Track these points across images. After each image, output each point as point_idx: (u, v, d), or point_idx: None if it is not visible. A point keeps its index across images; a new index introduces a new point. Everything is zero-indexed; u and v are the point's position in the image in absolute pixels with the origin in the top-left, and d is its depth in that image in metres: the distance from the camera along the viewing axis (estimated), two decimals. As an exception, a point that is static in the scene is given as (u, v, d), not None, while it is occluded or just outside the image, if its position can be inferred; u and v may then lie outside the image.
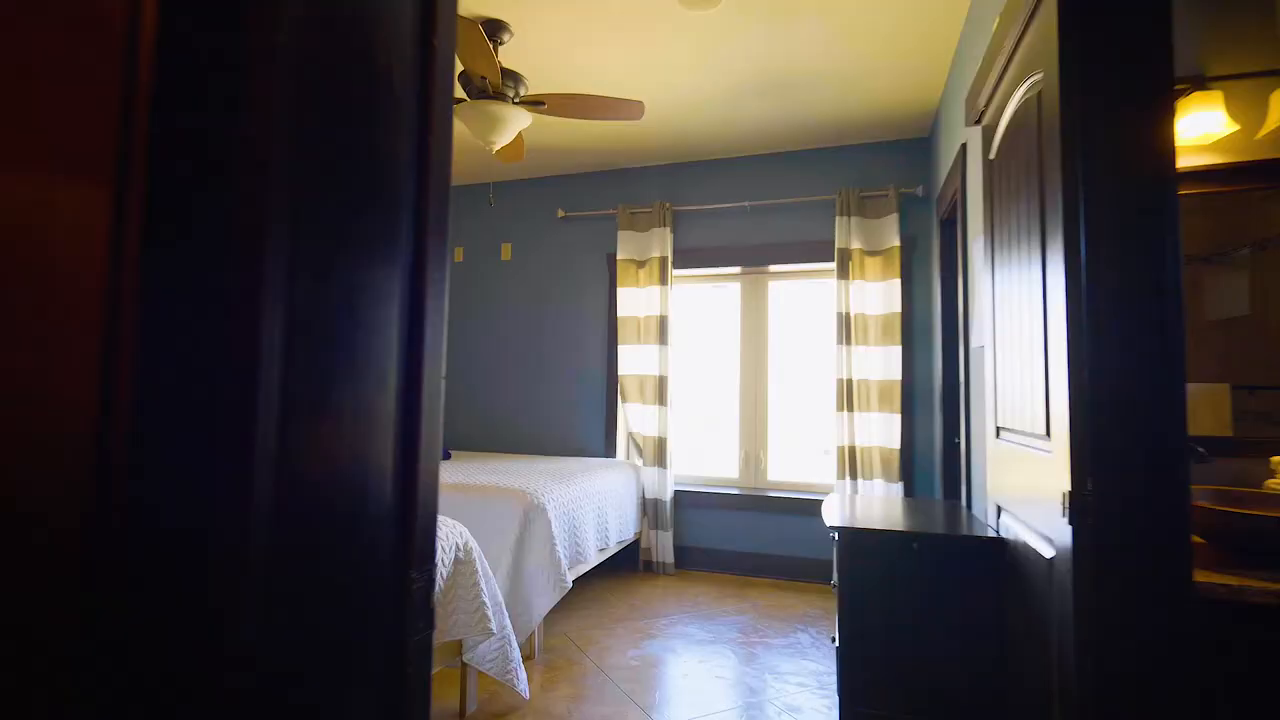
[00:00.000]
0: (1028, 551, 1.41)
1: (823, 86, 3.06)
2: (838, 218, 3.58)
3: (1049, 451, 1.22)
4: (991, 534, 1.81)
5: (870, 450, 3.48)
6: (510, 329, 4.36)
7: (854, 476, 3.49)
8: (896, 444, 3.41)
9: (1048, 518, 1.25)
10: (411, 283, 0.54)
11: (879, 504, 2.37)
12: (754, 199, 3.89)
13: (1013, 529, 1.59)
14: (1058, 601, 1.18)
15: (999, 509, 1.76)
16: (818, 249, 3.75)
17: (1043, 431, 1.26)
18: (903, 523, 1.98)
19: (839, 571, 1.92)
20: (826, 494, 3.75)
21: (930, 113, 3.32)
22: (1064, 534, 1.13)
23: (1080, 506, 1.07)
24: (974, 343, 2.26)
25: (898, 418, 3.42)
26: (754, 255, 3.87)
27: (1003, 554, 1.71)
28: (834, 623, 3.03)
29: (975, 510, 2.28)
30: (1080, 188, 1.09)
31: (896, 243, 3.48)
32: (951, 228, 3.02)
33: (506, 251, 4.41)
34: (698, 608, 3.21)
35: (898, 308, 3.46)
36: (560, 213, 4.23)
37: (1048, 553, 1.25)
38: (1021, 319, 1.42)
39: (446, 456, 3.70)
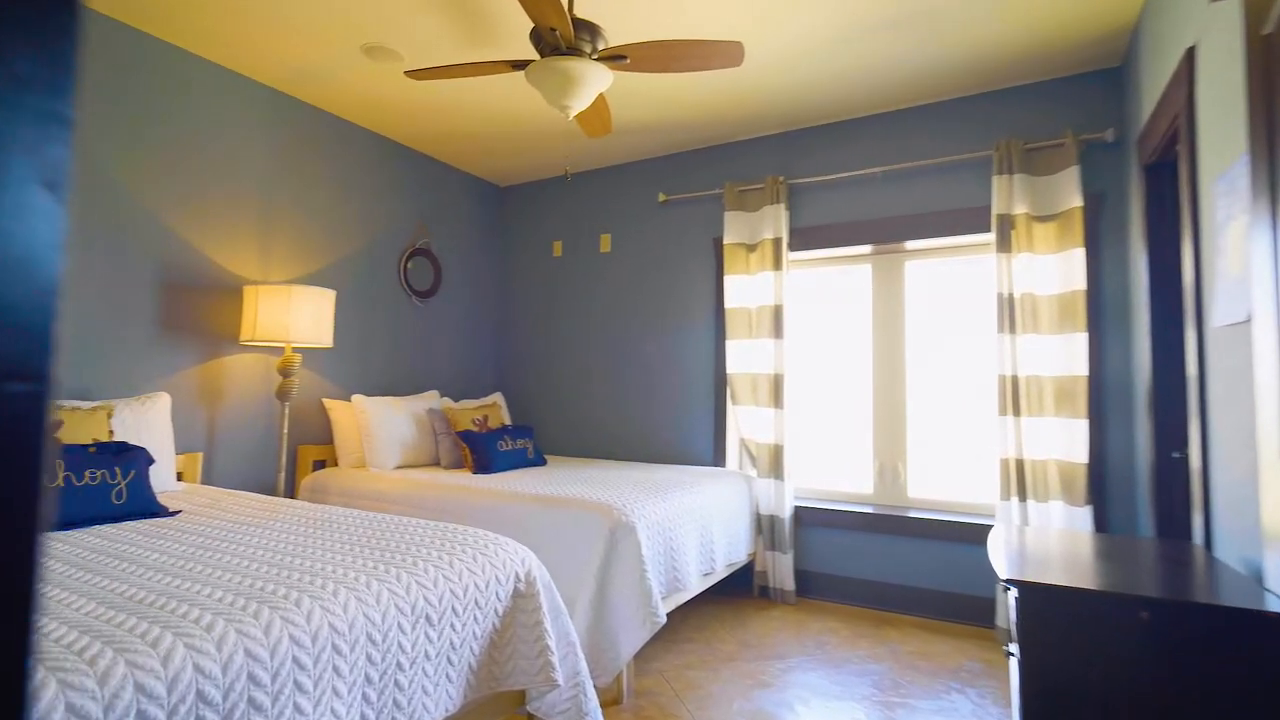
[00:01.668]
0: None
1: (974, 8, 2.44)
2: (996, 178, 2.90)
3: None
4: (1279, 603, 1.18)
5: (1044, 465, 2.77)
6: (609, 325, 4.06)
7: (1023, 497, 2.79)
8: (1082, 457, 2.68)
9: None
10: None
11: (1065, 540, 1.76)
12: (886, 163, 3.29)
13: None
14: None
15: (1295, 570, 1.13)
16: (969, 218, 3.08)
17: None
18: (1113, 576, 1.38)
19: (1020, 639, 1.37)
20: (983, 516, 3.06)
21: (1124, 31, 2.57)
22: None
23: None
24: (1218, 319, 1.59)
25: (1083, 424, 2.69)
26: (887, 230, 3.27)
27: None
28: (1001, 682, 2.38)
29: (1222, 555, 1.60)
30: None
31: (1078, 203, 2.74)
32: (1164, 173, 2.28)
33: (606, 243, 4.11)
34: (823, 649, 2.69)
35: (1081, 284, 2.72)
36: (661, 197, 3.86)
37: None
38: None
39: (542, 462, 3.45)
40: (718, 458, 3.64)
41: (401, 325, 3.79)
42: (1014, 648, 1.45)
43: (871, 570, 3.19)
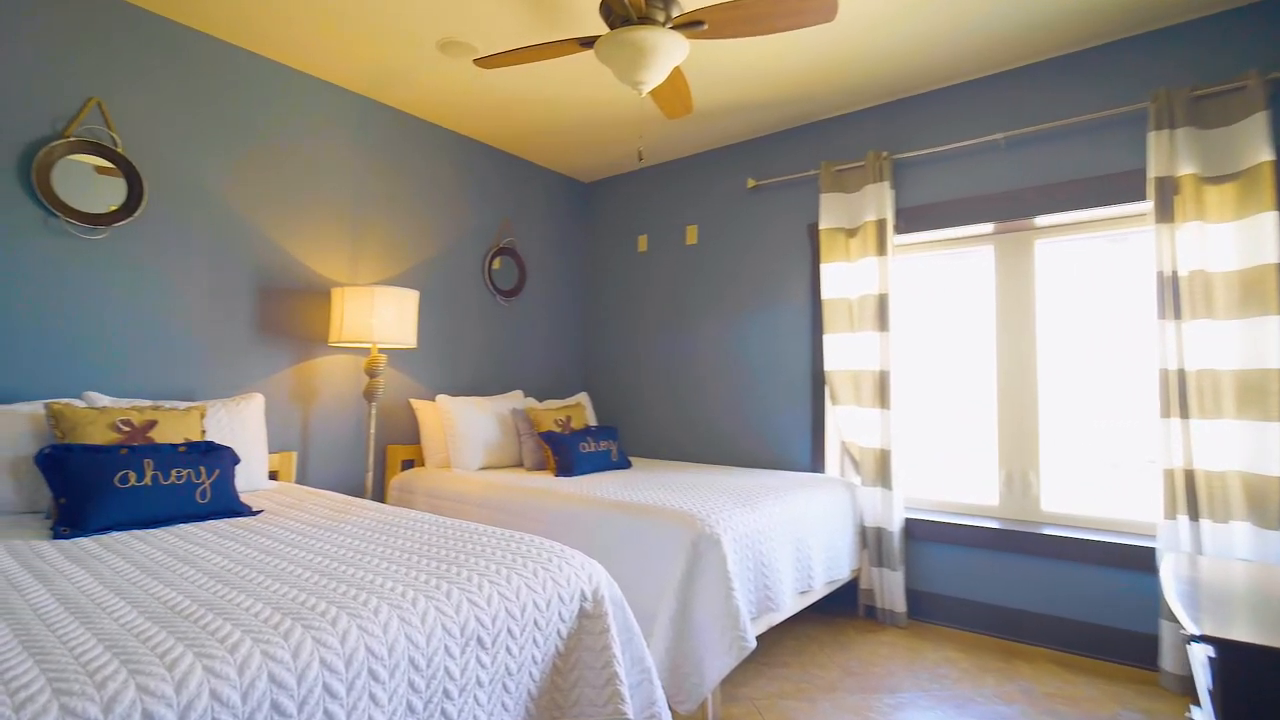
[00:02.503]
0: None
1: (1125, -73, 2.03)
2: (1153, 134, 2.43)
3: None
4: None
5: (1223, 477, 2.27)
6: (695, 320, 3.85)
7: (1194, 516, 2.31)
8: (1275, 469, 2.17)
9: None
10: None
11: (1261, 575, 1.37)
12: (1009, 128, 2.87)
13: None
14: None
15: None
16: (1116, 185, 2.61)
17: None
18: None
19: (1221, 713, 1.04)
20: (1140, 536, 2.58)
21: (1331, -64, 2.05)
22: None
23: None
24: None
25: (1277, 427, 2.18)
26: (1012, 205, 2.85)
27: None
28: (1173, 747, 1.96)
29: None
30: None
31: (1266, 156, 2.23)
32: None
33: (692, 234, 3.91)
34: (941, 682, 2.35)
35: (1273, 256, 2.21)
36: (750, 182, 3.60)
37: None
38: None
39: (626, 465, 3.30)
40: (815, 463, 3.33)
41: (486, 325, 3.77)
42: (1200, 716, 1.12)
43: (997, 593, 2.79)
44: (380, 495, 3.24)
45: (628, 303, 4.19)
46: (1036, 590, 2.70)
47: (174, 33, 2.57)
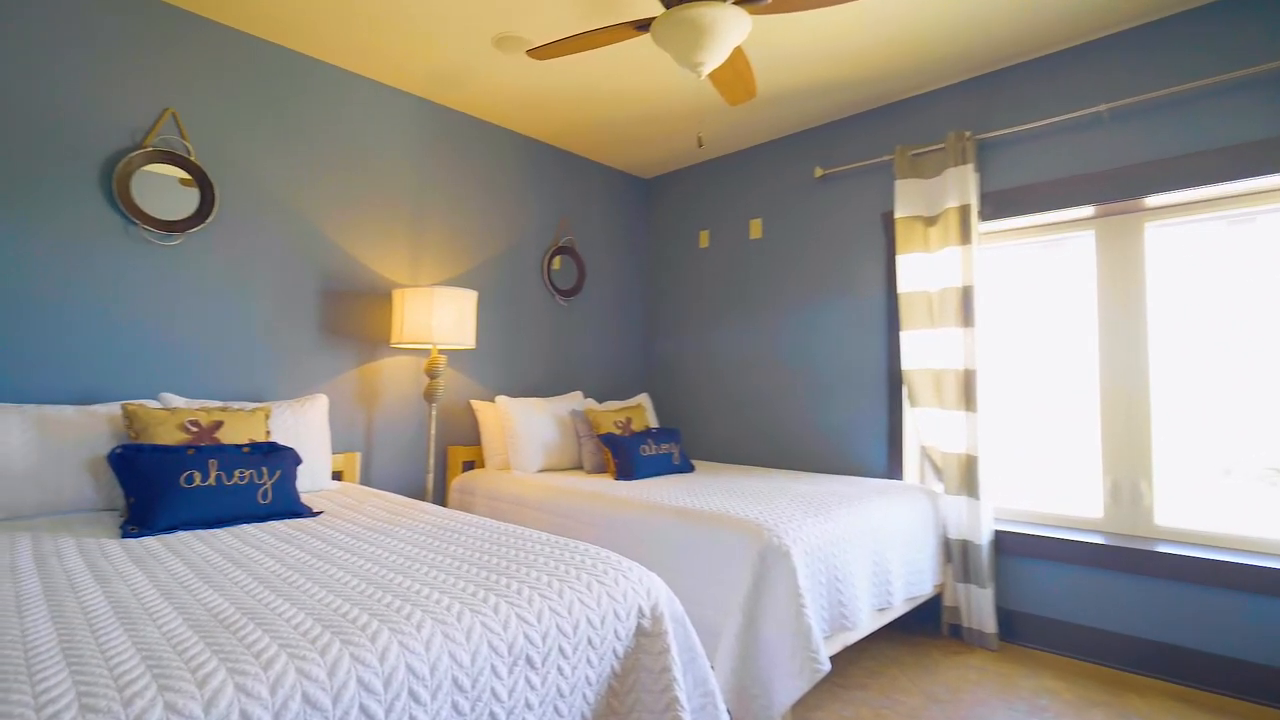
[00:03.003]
0: None
1: None
2: (1291, 94, 2.11)
3: None
4: None
5: (1390, 492, 1.94)
6: (760, 317, 3.68)
7: (1352, 536, 1.98)
8: None
9: None
10: None
11: None
12: (1114, 98, 2.58)
13: None
14: None
15: None
16: (1249, 156, 2.29)
17: None
18: None
19: None
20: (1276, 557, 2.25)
21: None
22: None
23: None
24: None
25: None
26: (1117, 185, 2.56)
27: None
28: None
29: None
30: None
31: None
32: None
33: (756, 228, 3.74)
34: (1041, 715, 2.11)
35: None
36: (818, 171, 3.41)
37: None
38: None
39: (689, 469, 3.17)
40: (892, 469, 3.11)
41: (545, 325, 3.72)
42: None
43: (1103, 616, 2.50)
44: (441, 496, 3.24)
45: (689, 300, 4.06)
46: (1150, 615, 2.40)
47: (242, 42, 2.63)
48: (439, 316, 2.79)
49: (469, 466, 3.39)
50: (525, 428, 3.14)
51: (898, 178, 3.02)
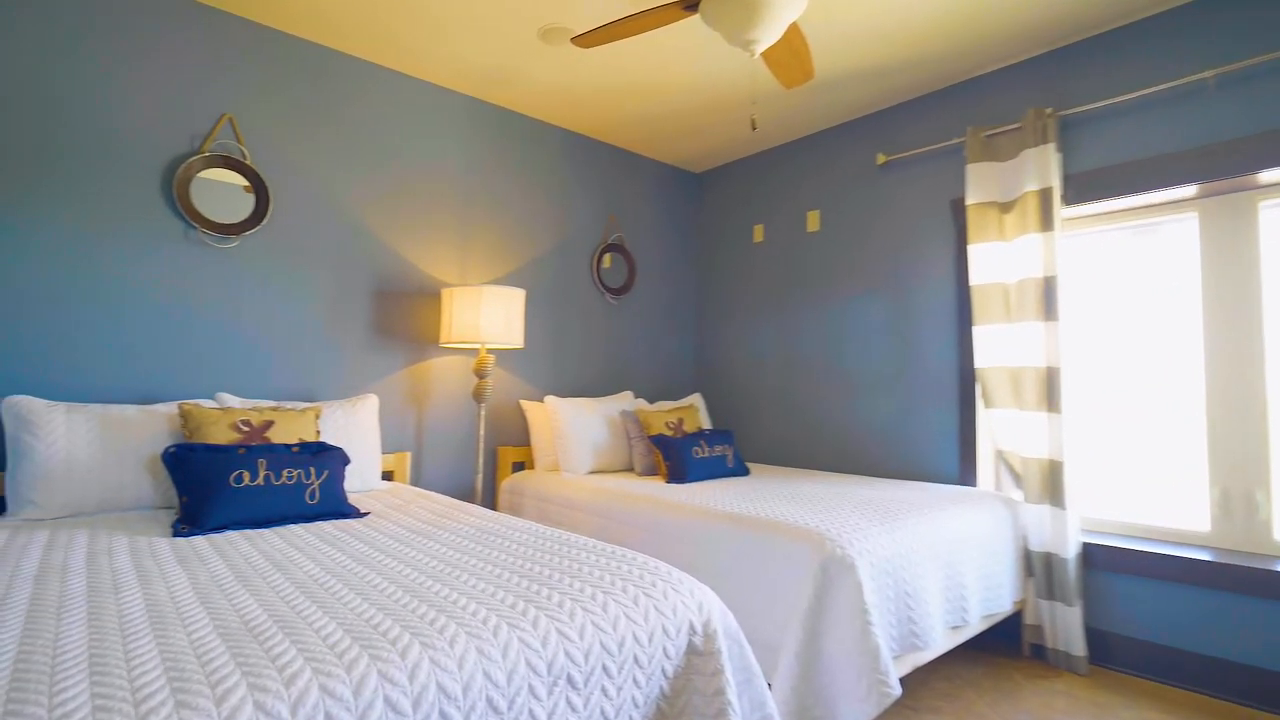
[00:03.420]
0: None
1: None
2: None
3: None
4: None
5: None
6: (818, 314, 3.50)
7: None
8: None
9: None
10: None
11: None
12: (1220, 63, 2.31)
13: None
14: None
15: None
16: (1387, 119, 2.00)
17: None
18: None
19: None
20: None
21: None
22: None
23: None
24: None
25: None
26: (1225, 160, 2.29)
27: None
28: None
29: None
30: None
31: None
32: None
33: (813, 220, 3.57)
34: (1141, 755, 1.89)
35: None
36: (880, 158, 3.21)
37: None
38: None
39: (744, 472, 3.04)
40: (964, 474, 2.89)
41: (595, 324, 3.66)
42: None
43: (1213, 642, 2.24)
44: (491, 497, 3.21)
45: (743, 297, 3.92)
46: (1271, 642, 2.13)
47: (293, 46, 2.66)
48: (487, 316, 2.75)
49: (519, 467, 3.35)
50: (574, 428, 3.07)
51: (969, 161, 2.81)
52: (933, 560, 2.07)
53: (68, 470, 1.86)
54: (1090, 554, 2.51)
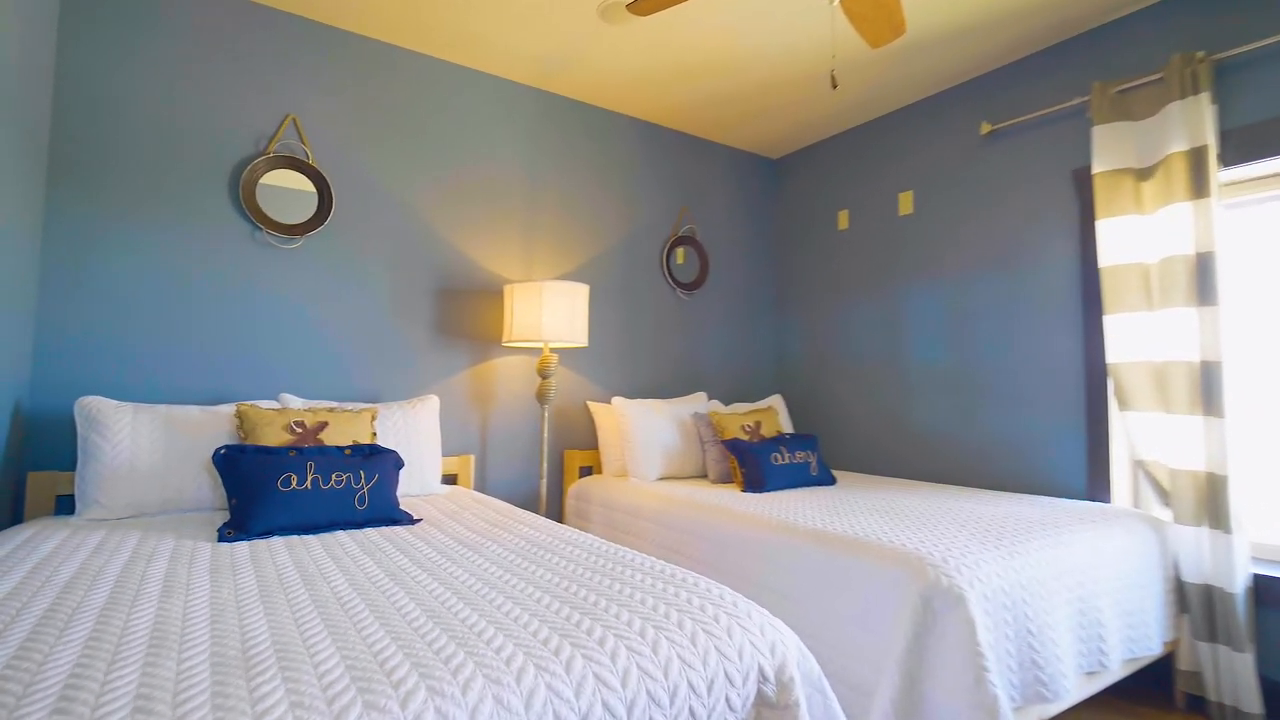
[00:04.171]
0: None
1: None
2: None
3: None
4: None
5: None
6: (913, 305, 3.15)
7: None
8: None
9: None
10: None
11: None
12: None
13: None
14: None
15: None
16: None
17: None
18: None
19: None
20: None
21: None
22: None
23: None
24: None
25: None
26: None
27: None
28: None
29: None
30: None
31: None
32: None
33: (906, 202, 3.22)
34: None
35: None
36: (984, 127, 2.84)
37: None
38: None
39: (829, 481, 2.75)
40: (1093, 487, 2.48)
41: (666, 321, 3.46)
42: None
43: None
44: (557, 503, 3.08)
45: (827, 290, 3.61)
46: None
47: (353, 44, 2.63)
48: (549, 312, 2.62)
49: (586, 472, 3.20)
50: (643, 432, 2.89)
51: (1096, 123, 2.41)
52: (1062, 591, 1.72)
53: (131, 470, 1.86)
54: (1264, 588, 2.06)
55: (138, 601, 1.14)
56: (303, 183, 2.47)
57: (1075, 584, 1.77)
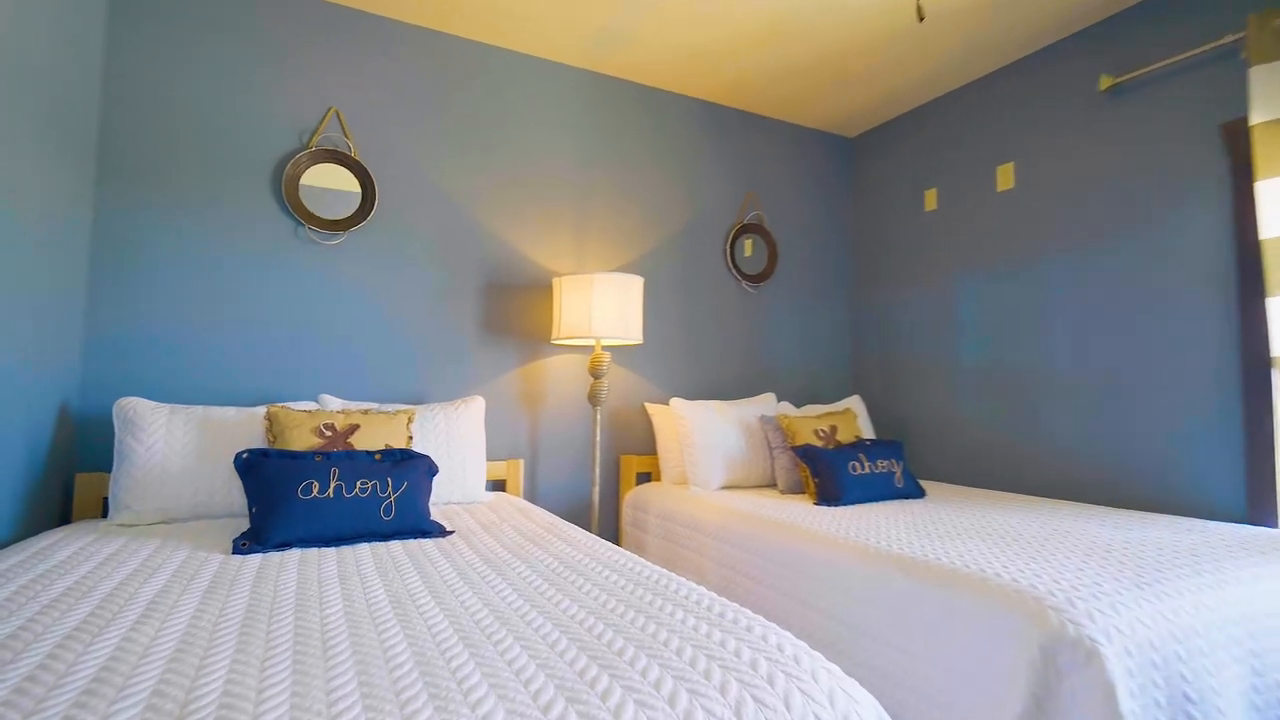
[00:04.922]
0: None
1: None
2: None
3: None
4: None
5: None
6: (1015, 293, 2.74)
7: None
8: None
9: None
10: None
11: None
12: None
13: None
14: None
15: None
16: None
17: None
18: None
19: None
20: None
21: None
22: None
23: None
24: None
25: None
26: None
27: None
28: None
29: None
30: None
31: None
32: None
33: (1006, 176, 2.82)
34: None
35: None
36: (1104, 81, 2.42)
37: None
38: None
39: (917, 494, 2.41)
40: (1257, 508, 2.03)
41: (730, 316, 3.20)
42: None
43: None
44: (612, 513, 2.88)
45: (912, 279, 3.24)
46: None
47: (395, 31, 2.53)
48: (599, 307, 2.42)
49: (644, 479, 2.98)
50: (704, 436, 2.64)
51: (1254, 63, 1.97)
52: (1230, 646, 1.35)
53: (162, 474, 1.80)
54: None
55: (106, 630, 1.02)
56: (346, 177, 2.39)
57: (1247, 635, 1.39)
